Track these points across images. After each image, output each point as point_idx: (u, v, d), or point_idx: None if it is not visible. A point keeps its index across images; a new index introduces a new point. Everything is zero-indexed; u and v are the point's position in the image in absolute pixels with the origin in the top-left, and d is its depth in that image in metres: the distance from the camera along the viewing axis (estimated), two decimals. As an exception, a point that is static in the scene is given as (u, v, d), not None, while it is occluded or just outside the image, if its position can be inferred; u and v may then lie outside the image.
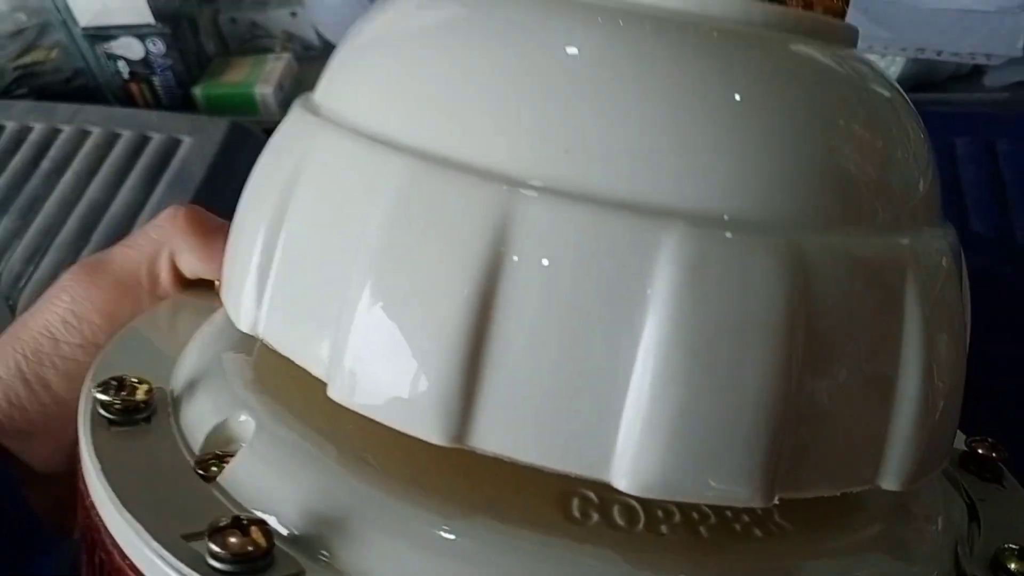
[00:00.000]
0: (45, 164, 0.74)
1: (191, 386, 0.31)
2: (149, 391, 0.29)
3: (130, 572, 0.24)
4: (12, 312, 0.67)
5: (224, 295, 0.30)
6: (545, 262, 0.23)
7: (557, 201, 0.23)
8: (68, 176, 0.73)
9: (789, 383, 0.23)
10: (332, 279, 0.25)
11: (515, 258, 0.23)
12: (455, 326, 0.23)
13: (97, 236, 0.71)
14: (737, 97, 0.24)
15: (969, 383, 0.29)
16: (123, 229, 0.70)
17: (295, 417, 0.28)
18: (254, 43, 0.94)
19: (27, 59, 0.82)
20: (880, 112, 0.28)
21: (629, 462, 0.23)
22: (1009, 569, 0.29)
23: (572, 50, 0.24)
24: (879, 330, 0.25)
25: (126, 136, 0.74)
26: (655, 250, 0.22)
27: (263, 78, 0.88)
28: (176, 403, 0.30)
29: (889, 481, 0.26)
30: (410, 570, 0.24)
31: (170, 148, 0.74)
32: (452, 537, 0.25)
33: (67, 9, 0.82)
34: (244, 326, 0.28)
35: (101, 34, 0.81)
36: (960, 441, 0.37)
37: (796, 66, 0.26)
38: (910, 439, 0.25)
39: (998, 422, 0.41)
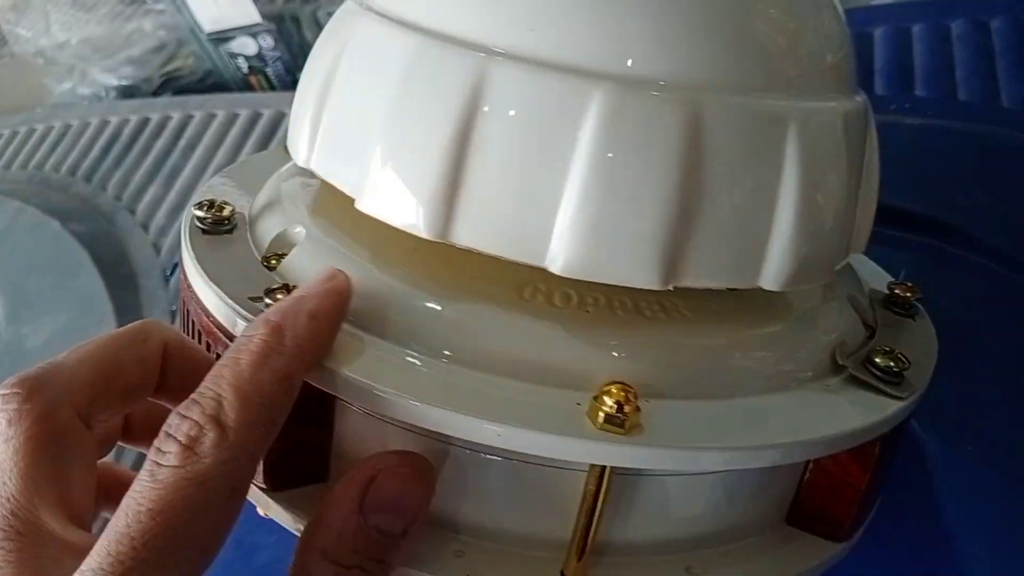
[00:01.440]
0: (182, 143, 0.88)
1: (263, 209, 0.40)
2: (232, 210, 0.39)
3: (214, 326, 0.34)
4: (157, 252, 0.81)
5: (289, 144, 0.38)
6: (508, 109, 0.31)
7: (520, 64, 0.31)
8: (199, 150, 0.86)
9: (679, 200, 0.30)
10: (362, 124, 0.34)
11: (486, 107, 0.31)
12: (441, 153, 0.31)
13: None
14: None
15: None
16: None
17: (336, 228, 0.37)
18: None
19: (170, 67, 0.95)
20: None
21: (559, 251, 0.31)
22: (875, 362, 0.36)
23: None
24: (760, 168, 0.32)
25: (243, 115, 0.88)
26: (587, 101, 0.30)
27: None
28: (252, 220, 0.40)
29: (768, 282, 0.33)
30: (409, 329, 0.33)
31: (277, 120, 0.88)
32: (438, 308, 0.33)
33: (194, 21, 0.96)
34: (301, 161, 0.37)
35: (222, 37, 0.94)
36: (885, 285, 0.43)
37: None
38: (784, 252, 0.32)
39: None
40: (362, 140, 0.33)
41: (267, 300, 0.33)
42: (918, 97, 0.68)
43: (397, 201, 0.32)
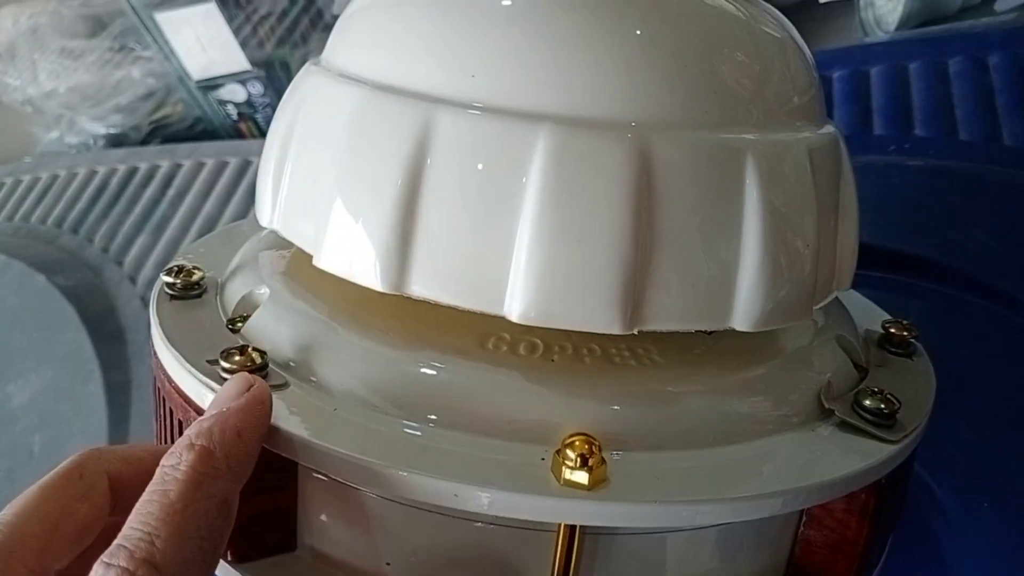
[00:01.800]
0: (171, 192, 0.87)
1: (233, 273, 0.40)
2: (203, 276, 0.38)
3: (173, 391, 0.33)
4: (145, 306, 0.79)
5: (256, 206, 0.38)
6: (455, 155, 0.30)
7: (463, 112, 0.30)
8: (189, 199, 0.86)
9: (634, 240, 0.29)
10: (316, 180, 0.33)
11: (433, 154, 0.30)
12: (391, 206, 0.30)
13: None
14: (600, 26, 0.31)
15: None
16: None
17: (301, 288, 0.36)
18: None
19: (158, 115, 0.94)
20: (739, 30, 0.33)
21: (515, 298, 0.30)
22: (864, 404, 0.34)
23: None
24: (719, 203, 0.31)
25: (233, 162, 0.87)
26: (532, 143, 0.29)
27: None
28: (222, 286, 0.39)
29: (740, 323, 0.31)
30: (369, 386, 0.32)
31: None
32: (397, 362, 0.32)
33: (183, 68, 0.95)
34: (265, 222, 0.36)
35: (211, 84, 0.94)
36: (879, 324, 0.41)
37: None
38: (754, 290, 0.31)
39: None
40: (317, 196, 0.33)
41: (223, 363, 0.31)
42: (918, 137, 0.67)
43: (352, 255, 0.32)
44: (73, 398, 0.77)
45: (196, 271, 0.38)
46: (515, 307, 0.30)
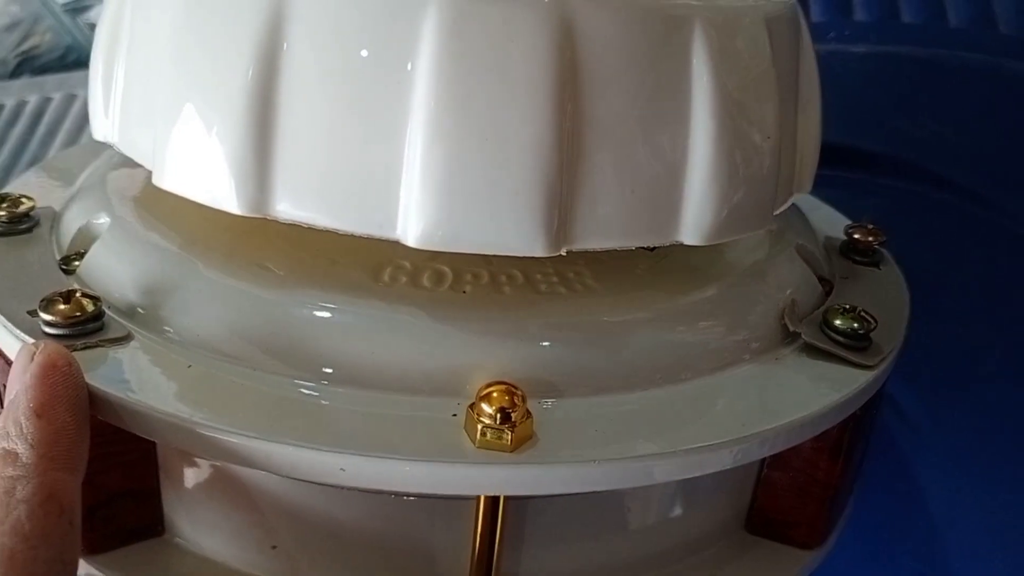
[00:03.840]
0: (41, 129, 0.78)
1: (72, 200, 0.33)
2: (32, 206, 0.31)
3: None
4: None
5: (89, 115, 0.31)
6: (318, 30, 0.23)
7: None
8: (60, 136, 0.77)
9: (559, 136, 0.23)
10: (151, 81, 0.26)
11: (289, 34, 0.23)
12: (241, 103, 0.24)
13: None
14: None
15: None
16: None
17: (151, 216, 0.29)
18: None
19: (25, 46, 0.85)
20: None
21: (411, 218, 0.23)
22: (834, 324, 0.29)
23: None
24: (661, 86, 0.25)
25: None
26: (418, 13, 0.23)
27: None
28: (58, 217, 0.32)
29: (689, 236, 0.26)
30: (233, 333, 0.25)
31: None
32: (268, 301, 0.26)
33: (46, -9, 0.85)
34: (98, 135, 0.30)
35: (78, 6, 0.84)
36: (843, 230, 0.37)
37: None
38: (705, 194, 0.25)
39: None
40: (153, 98, 0.26)
41: (43, 315, 0.25)
42: (858, 22, 0.61)
43: (199, 171, 0.25)
44: None
45: (25, 200, 0.31)
46: (411, 229, 0.23)
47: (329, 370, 0.24)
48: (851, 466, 0.30)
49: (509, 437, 0.22)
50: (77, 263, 0.29)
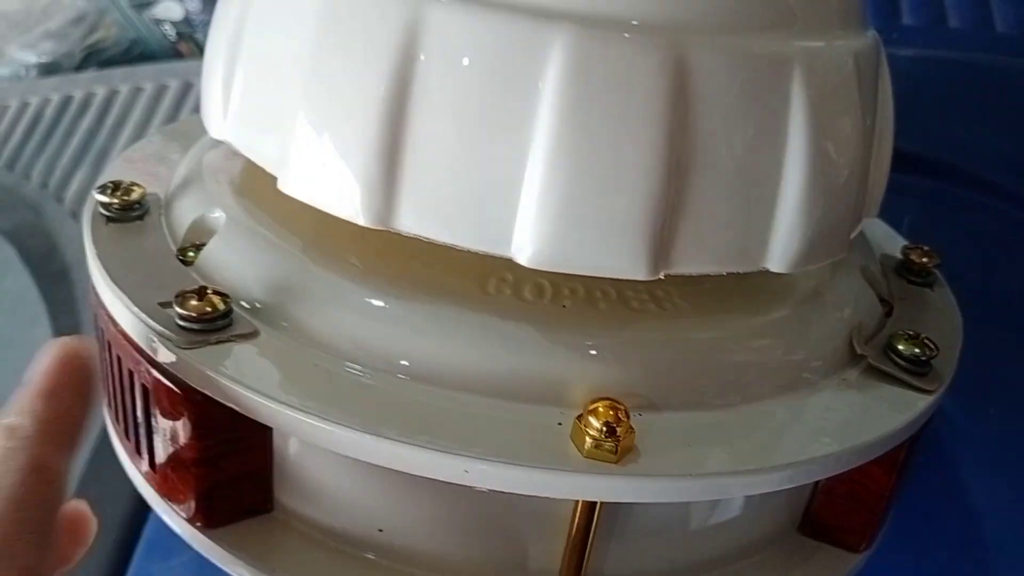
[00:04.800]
0: (109, 120, 0.80)
1: (180, 188, 0.34)
2: (143, 193, 0.32)
3: (121, 336, 0.28)
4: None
5: (202, 110, 0.32)
6: (450, 60, 0.24)
7: (460, 4, 0.24)
8: (129, 127, 0.79)
9: (668, 169, 0.24)
10: (279, 84, 0.27)
11: (423, 57, 0.24)
12: (374, 120, 0.25)
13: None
14: None
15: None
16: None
17: (263, 210, 0.31)
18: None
19: (92, 39, 0.87)
20: None
21: (525, 238, 0.25)
22: (898, 349, 0.30)
23: None
24: (762, 122, 0.26)
25: (173, 86, 0.80)
26: (546, 48, 0.24)
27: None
28: (167, 204, 0.33)
29: (776, 263, 0.27)
30: (351, 336, 0.27)
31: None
32: (385, 308, 0.27)
33: (113, -15, 0.87)
34: (214, 132, 0.30)
35: (144, 2, 0.86)
36: (899, 250, 0.37)
37: None
38: (795, 223, 0.27)
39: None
40: (279, 104, 0.27)
41: (179, 309, 0.26)
42: (906, 26, 0.62)
43: (325, 181, 0.26)
44: (20, 344, 0.73)
45: (135, 188, 0.32)
46: (525, 249, 0.25)
47: (444, 375, 0.26)
48: (904, 478, 0.32)
49: (615, 448, 0.23)
50: (193, 254, 0.30)
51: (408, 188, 0.25)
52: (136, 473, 0.31)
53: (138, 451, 0.30)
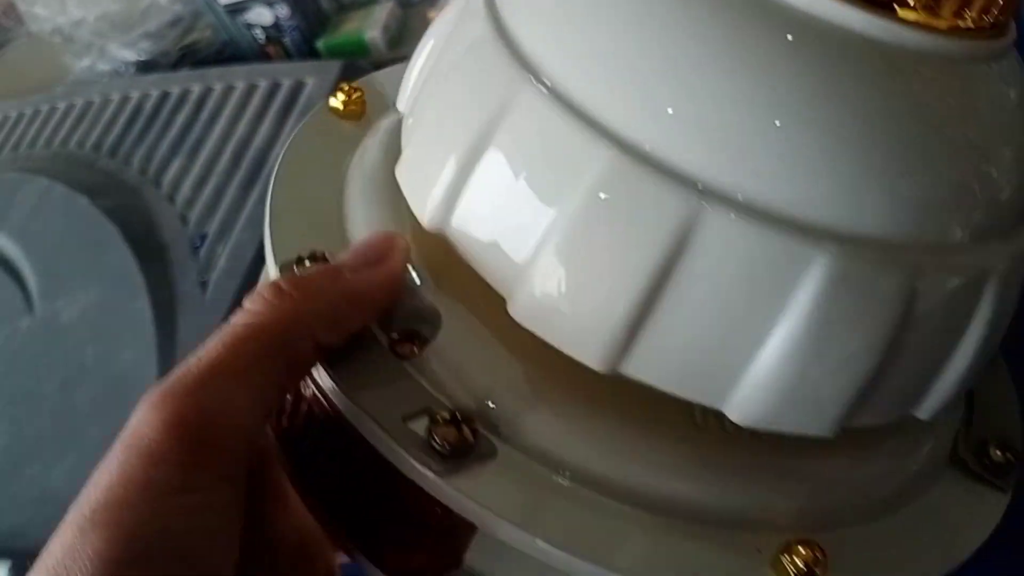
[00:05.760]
0: (203, 115, 0.82)
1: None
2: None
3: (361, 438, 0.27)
4: (184, 224, 0.78)
5: (404, 177, 0.30)
6: (717, 258, 0.24)
7: (736, 216, 0.24)
8: (221, 122, 0.81)
9: (879, 365, 0.26)
10: (524, 221, 0.26)
11: (692, 251, 0.24)
12: (633, 291, 0.25)
13: (246, 162, 0.80)
14: (896, 134, 0.25)
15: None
16: (266, 157, 0.79)
17: (475, 316, 0.29)
18: (363, -3, 0.95)
19: (187, 40, 0.89)
20: (1012, 129, 0.28)
21: (743, 404, 0.26)
22: (991, 456, 0.32)
23: (776, 78, 0.24)
24: (956, 320, 0.27)
25: (262, 85, 0.82)
26: (806, 265, 0.24)
27: (371, 24, 0.90)
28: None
29: (921, 413, 0.29)
30: (571, 457, 0.28)
31: (297, 89, 0.82)
32: (616, 435, 0.28)
33: (210, -8, 0.88)
34: (426, 220, 0.28)
35: (238, 8, 0.86)
36: None
37: (942, 95, 0.26)
38: (947, 391, 0.28)
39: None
40: (526, 238, 0.26)
41: (436, 438, 0.26)
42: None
43: (566, 324, 0.26)
44: (121, 314, 0.76)
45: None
46: (738, 410, 0.26)
47: (658, 503, 0.27)
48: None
49: None
50: (405, 347, 0.29)
51: (644, 348, 0.26)
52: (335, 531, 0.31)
53: (348, 516, 0.31)
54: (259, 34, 0.87)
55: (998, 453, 0.33)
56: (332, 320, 0.26)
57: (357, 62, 0.85)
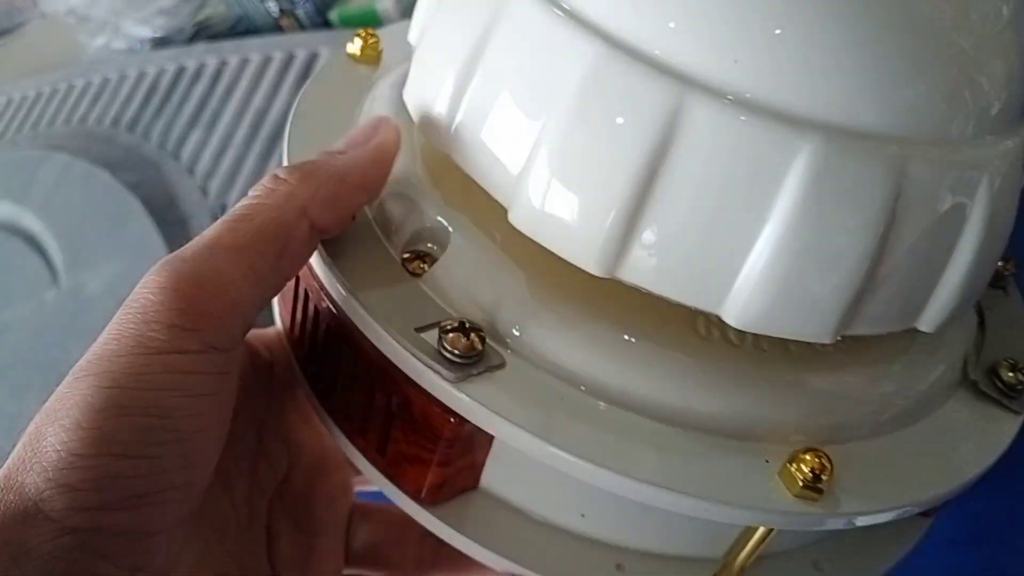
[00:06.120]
0: (219, 88, 0.83)
1: (391, 192, 0.32)
2: None
3: (374, 353, 0.28)
4: (205, 195, 0.79)
5: (411, 97, 0.31)
6: (702, 151, 0.25)
7: (720, 104, 0.24)
8: (237, 94, 0.82)
9: (870, 260, 0.26)
10: (520, 127, 0.27)
11: (680, 143, 0.25)
12: (624, 187, 0.25)
13: (264, 133, 0.80)
14: (884, 26, 0.25)
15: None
16: (283, 127, 0.80)
17: (483, 232, 0.30)
18: (376, -32, 0.93)
19: (201, 16, 0.90)
20: (1008, 25, 0.28)
21: (738, 305, 0.26)
22: (1002, 378, 0.33)
23: None
24: (949, 218, 0.27)
25: (277, 57, 0.83)
26: (792, 155, 0.24)
27: (383, -6, 0.87)
28: (379, 209, 0.32)
29: (924, 325, 0.29)
30: (580, 364, 0.28)
31: (311, 60, 0.83)
32: (616, 343, 0.28)
33: (223, -35, 0.88)
34: (439, 146, 0.29)
35: None
36: None
37: None
38: (948, 299, 0.28)
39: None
40: (521, 145, 0.27)
41: (445, 344, 0.27)
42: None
43: (563, 228, 0.27)
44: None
45: None
46: (735, 312, 0.26)
47: (663, 412, 0.27)
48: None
49: (820, 491, 0.26)
50: (416, 264, 0.30)
51: (640, 248, 0.26)
52: (351, 447, 0.32)
53: (363, 432, 0.31)
54: (272, 7, 0.88)
55: (1010, 375, 0.33)
56: (326, 200, 0.27)
57: (368, 32, 0.84)
